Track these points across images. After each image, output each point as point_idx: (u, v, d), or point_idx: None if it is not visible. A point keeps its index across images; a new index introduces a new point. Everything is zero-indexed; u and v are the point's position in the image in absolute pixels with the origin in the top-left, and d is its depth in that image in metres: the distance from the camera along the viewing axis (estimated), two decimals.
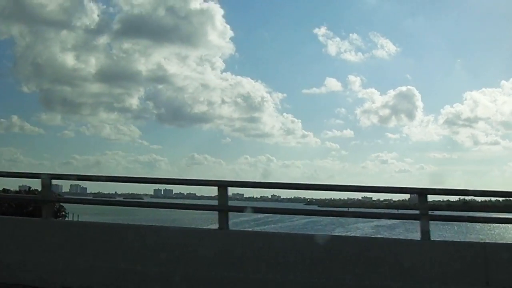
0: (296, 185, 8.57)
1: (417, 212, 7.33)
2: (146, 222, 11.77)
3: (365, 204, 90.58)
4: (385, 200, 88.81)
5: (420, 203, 7.27)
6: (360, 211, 11.64)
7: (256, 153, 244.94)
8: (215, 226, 7.78)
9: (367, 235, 36.53)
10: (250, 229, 20.96)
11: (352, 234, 38.43)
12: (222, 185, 7.80)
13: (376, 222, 58.57)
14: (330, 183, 9.47)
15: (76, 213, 50.76)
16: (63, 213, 71.59)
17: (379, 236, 36.82)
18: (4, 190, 46.54)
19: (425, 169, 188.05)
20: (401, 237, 9.60)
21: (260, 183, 8.52)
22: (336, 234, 31.33)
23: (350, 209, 11.01)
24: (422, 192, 7.33)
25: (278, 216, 59.10)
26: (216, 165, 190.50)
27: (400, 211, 10.09)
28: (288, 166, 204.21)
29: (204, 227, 10.88)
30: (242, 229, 9.92)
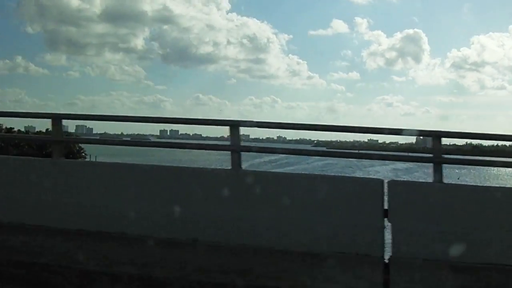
0: (307, 126, 8.21)
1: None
2: (164, 163, 11.72)
3: (374, 147, 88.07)
4: (391, 143, 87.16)
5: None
6: (377, 153, 11.37)
7: (261, 94, 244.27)
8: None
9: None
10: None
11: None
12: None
13: (392, 165, 58.69)
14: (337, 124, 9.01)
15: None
16: (83, 154, 72.64)
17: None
18: (8, 130, 47.28)
19: (431, 112, 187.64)
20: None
21: (272, 123, 8.18)
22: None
23: (363, 151, 10.70)
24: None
25: (292, 158, 59.52)
26: (221, 105, 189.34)
27: (412, 154, 9.89)
28: (293, 107, 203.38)
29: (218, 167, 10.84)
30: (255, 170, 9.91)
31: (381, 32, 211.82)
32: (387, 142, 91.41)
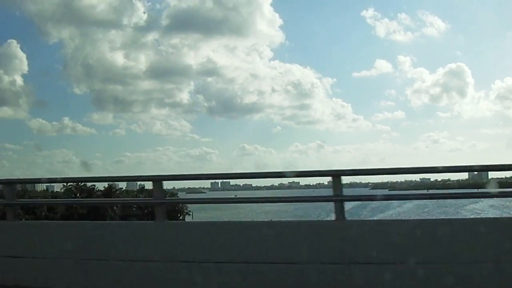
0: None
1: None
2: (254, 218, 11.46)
3: (427, 185, 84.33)
4: (443, 180, 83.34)
5: None
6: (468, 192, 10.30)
7: (306, 140, 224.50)
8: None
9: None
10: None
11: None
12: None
13: (481, 202, 55.09)
14: (389, 166, 8.39)
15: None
16: (186, 211, 73.60)
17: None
18: (109, 189, 49.08)
19: (477, 146, 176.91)
20: None
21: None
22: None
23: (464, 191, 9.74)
24: None
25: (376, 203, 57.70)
26: (267, 154, 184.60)
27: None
28: (339, 151, 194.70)
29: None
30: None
31: (424, 69, 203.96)
32: (439, 180, 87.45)
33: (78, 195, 52.29)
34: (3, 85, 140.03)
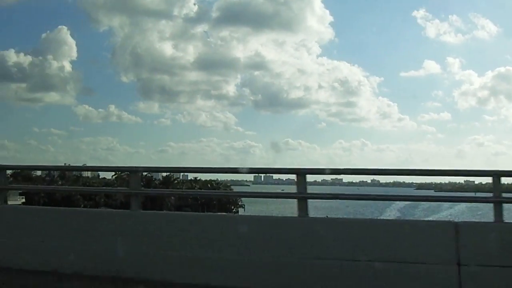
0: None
1: None
2: None
3: (471, 188, 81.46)
4: (488, 183, 78.56)
5: None
6: None
7: (350, 137, 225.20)
8: None
9: None
10: None
11: None
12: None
13: None
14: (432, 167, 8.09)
15: None
16: (239, 204, 74.26)
17: None
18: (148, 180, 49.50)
19: None
20: None
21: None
22: None
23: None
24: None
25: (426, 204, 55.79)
26: (311, 150, 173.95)
27: None
28: (383, 150, 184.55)
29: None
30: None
31: (472, 72, 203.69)
32: (483, 182, 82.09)
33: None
34: (51, 71, 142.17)
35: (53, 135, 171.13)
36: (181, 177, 76.43)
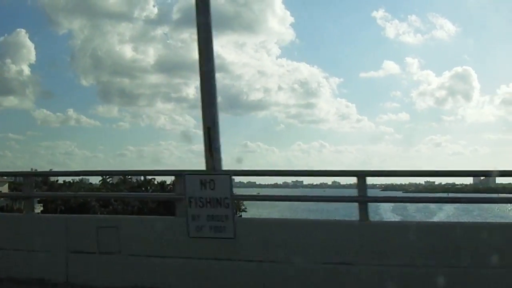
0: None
1: None
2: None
3: (436, 189, 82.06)
4: (447, 184, 79.24)
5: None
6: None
7: (309, 139, 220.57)
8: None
9: None
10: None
11: None
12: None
13: None
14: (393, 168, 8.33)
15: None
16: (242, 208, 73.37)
17: None
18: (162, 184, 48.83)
19: (479, 151, 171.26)
20: None
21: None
22: None
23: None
24: None
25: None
26: (269, 152, 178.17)
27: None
28: (341, 151, 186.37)
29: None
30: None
31: (430, 72, 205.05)
32: (443, 183, 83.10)
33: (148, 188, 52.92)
34: (10, 75, 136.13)
35: (11, 140, 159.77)
36: None
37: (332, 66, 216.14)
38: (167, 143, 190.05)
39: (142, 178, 50.11)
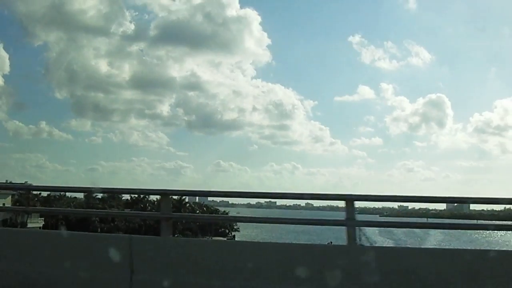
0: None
1: None
2: None
3: (412, 213, 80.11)
4: (421, 209, 78.15)
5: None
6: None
7: (282, 160, 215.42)
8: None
9: None
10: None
11: None
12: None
13: None
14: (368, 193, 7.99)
15: None
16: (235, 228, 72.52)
17: None
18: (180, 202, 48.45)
19: (451, 177, 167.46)
20: None
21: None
22: None
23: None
24: None
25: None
26: (242, 172, 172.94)
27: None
28: (314, 173, 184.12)
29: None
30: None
31: (404, 98, 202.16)
32: (417, 208, 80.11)
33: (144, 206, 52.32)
34: None
35: None
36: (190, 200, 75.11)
37: (307, 89, 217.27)
38: (140, 160, 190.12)
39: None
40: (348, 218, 6.59)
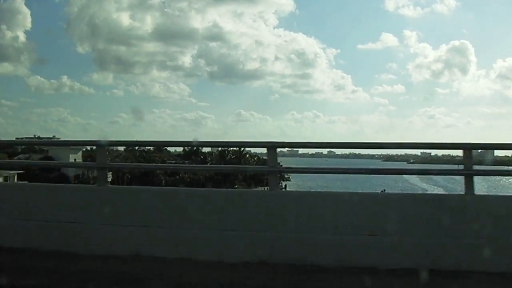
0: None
1: None
2: None
3: (438, 160, 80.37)
4: (444, 155, 76.51)
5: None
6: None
7: (303, 109, 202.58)
8: None
9: None
10: None
11: None
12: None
13: None
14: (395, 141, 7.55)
15: None
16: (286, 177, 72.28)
17: None
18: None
19: (472, 124, 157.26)
20: None
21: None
22: None
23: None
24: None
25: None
26: (263, 121, 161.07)
27: None
28: (334, 121, 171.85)
29: None
30: None
31: (427, 45, 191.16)
32: (439, 154, 79.85)
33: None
34: (5, 41, 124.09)
35: (3, 106, 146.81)
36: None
37: (330, 37, 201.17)
38: (161, 111, 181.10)
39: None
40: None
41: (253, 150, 58.64)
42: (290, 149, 7.94)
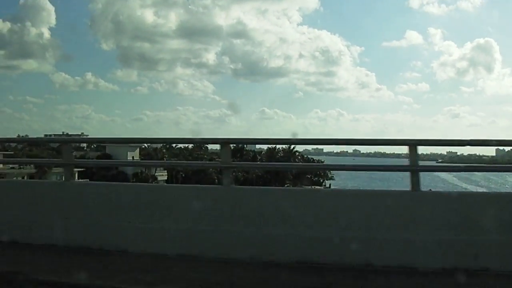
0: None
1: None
2: None
3: (463, 160, 76.82)
4: (470, 155, 75.06)
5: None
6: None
7: (327, 107, 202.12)
8: None
9: None
10: None
11: None
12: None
13: None
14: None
15: None
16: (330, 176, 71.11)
17: None
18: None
19: (497, 123, 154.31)
20: None
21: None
22: None
23: None
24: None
25: None
26: (286, 119, 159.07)
27: None
28: (358, 120, 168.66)
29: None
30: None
31: (452, 43, 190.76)
32: (466, 154, 76.62)
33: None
34: (30, 38, 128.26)
35: (29, 103, 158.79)
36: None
37: (354, 35, 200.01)
38: (185, 109, 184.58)
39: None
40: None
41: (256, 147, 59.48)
42: (315, 147, 8.08)
